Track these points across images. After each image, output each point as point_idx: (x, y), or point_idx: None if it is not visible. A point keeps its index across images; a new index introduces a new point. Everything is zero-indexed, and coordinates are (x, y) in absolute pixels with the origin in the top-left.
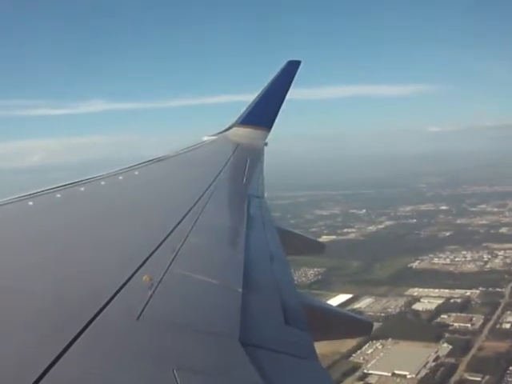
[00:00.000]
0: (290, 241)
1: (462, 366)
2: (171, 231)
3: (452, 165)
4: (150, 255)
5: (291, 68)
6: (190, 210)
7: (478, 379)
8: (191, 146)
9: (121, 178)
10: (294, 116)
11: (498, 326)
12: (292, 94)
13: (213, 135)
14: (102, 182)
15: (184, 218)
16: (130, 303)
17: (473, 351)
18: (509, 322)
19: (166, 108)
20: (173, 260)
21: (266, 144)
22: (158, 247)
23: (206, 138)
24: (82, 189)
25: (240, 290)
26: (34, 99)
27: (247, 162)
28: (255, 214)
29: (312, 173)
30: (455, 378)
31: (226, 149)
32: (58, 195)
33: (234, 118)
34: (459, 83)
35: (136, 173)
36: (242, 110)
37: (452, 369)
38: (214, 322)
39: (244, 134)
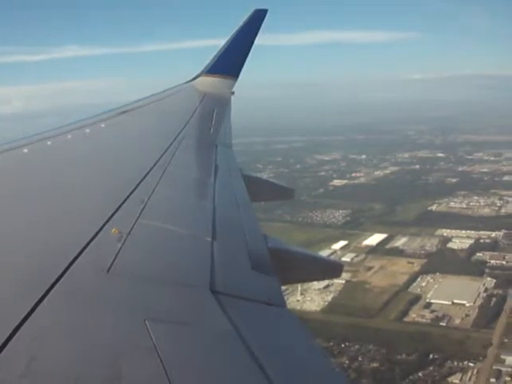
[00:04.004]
0: (259, 187)
1: (510, 297)
2: (139, 183)
3: (436, 113)
4: (119, 207)
5: (258, 17)
6: (157, 161)
7: None
8: (158, 96)
9: (88, 130)
10: (269, 62)
11: None
12: (268, 39)
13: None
14: (69, 136)
15: (152, 169)
16: (99, 256)
17: None
18: None
19: (140, 52)
20: (141, 211)
21: (232, 93)
22: (126, 199)
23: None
24: (49, 142)
25: (208, 238)
26: (7, 45)
27: (214, 111)
28: (222, 163)
29: (295, 119)
30: (507, 305)
31: (193, 98)
32: (25, 150)
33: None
34: (441, 31)
35: (102, 125)
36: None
37: (502, 298)
38: (184, 272)
39: (211, 83)
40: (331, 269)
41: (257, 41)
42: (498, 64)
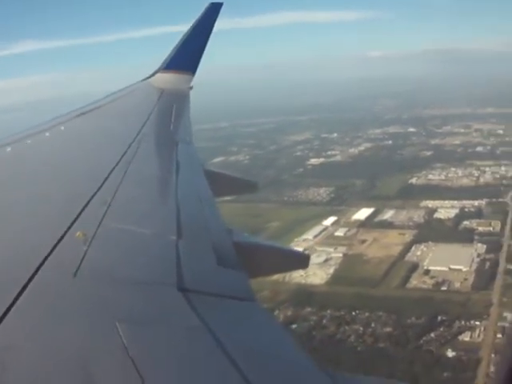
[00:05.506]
0: (222, 182)
1: (502, 260)
2: (101, 185)
3: (398, 88)
4: (82, 210)
5: (213, 10)
6: (118, 162)
7: None
8: (116, 95)
9: (47, 134)
10: (228, 46)
11: None
12: (229, 23)
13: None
14: (28, 141)
15: (113, 170)
16: (65, 260)
17: (505, 248)
18: None
19: (100, 43)
20: (105, 213)
21: (191, 88)
22: (88, 202)
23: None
24: (9, 149)
25: (173, 237)
26: None
27: (173, 108)
28: (184, 160)
29: (258, 101)
30: (501, 268)
31: (151, 96)
32: None
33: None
34: (399, 9)
35: (62, 128)
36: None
37: (495, 262)
38: (151, 272)
39: (168, 79)
40: (298, 260)
41: (219, 26)
42: (453, 38)
